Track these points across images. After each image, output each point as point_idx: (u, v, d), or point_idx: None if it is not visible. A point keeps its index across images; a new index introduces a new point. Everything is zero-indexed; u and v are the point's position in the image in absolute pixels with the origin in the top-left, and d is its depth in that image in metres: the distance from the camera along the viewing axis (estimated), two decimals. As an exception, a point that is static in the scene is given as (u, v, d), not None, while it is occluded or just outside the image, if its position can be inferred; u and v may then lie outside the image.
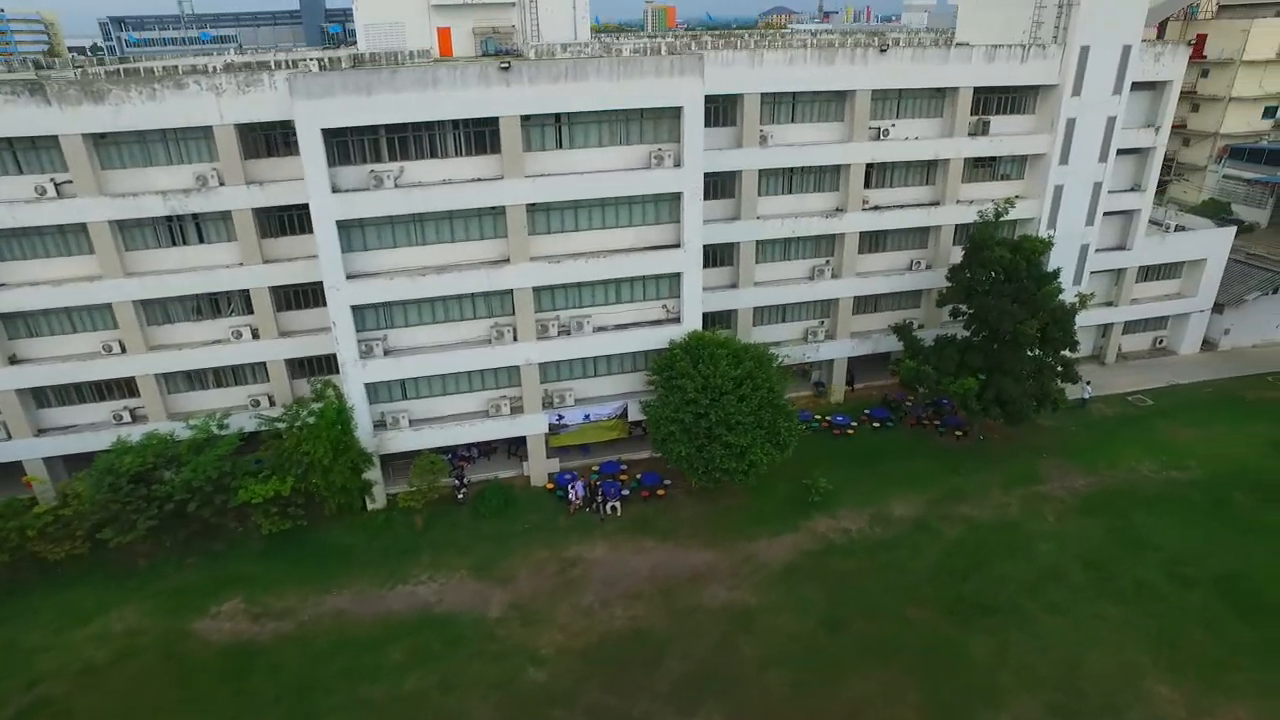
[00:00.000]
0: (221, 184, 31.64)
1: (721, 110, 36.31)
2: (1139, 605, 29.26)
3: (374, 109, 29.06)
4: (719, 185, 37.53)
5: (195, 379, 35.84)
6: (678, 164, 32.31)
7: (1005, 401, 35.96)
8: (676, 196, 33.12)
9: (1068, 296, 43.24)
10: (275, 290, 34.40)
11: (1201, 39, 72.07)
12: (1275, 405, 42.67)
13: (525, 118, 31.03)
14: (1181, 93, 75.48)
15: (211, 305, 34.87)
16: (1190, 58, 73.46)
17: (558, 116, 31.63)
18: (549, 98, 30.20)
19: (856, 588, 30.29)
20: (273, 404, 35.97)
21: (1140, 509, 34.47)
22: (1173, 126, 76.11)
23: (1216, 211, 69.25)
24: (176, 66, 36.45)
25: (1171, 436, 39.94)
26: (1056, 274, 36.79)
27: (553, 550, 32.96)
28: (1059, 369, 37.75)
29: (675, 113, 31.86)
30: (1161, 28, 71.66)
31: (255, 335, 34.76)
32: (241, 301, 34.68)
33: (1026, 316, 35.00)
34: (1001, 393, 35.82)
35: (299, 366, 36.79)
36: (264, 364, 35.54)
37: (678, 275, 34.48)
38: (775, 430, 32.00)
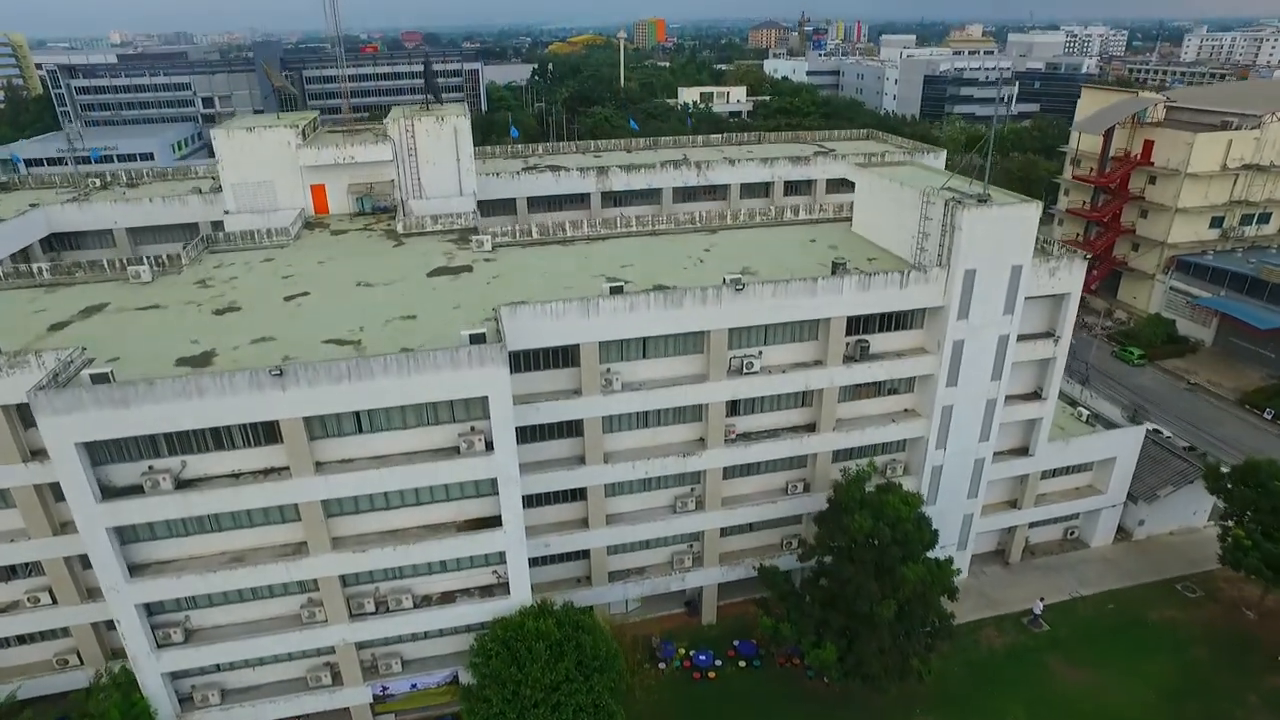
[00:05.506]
0: (-4, 463, 29.04)
1: (563, 350, 33.33)
2: None
3: (134, 421, 26.20)
4: (566, 423, 34.59)
5: (-5, 638, 33.46)
6: (489, 446, 29.41)
7: (866, 675, 33.17)
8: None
9: (961, 510, 40.65)
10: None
11: (1149, 144, 68.23)
12: (1177, 630, 39.72)
13: (317, 410, 28.24)
14: (1130, 197, 72.39)
15: (7, 568, 32.33)
16: (1139, 162, 70.29)
17: (354, 403, 28.78)
18: (331, 398, 27.27)
19: None
20: (81, 661, 33.85)
21: (1000, 798, 31.92)
22: (1122, 231, 73.08)
23: (1160, 329, 66.30)
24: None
25: (1059, 680, 37.21)
26: (929, 540, 33.64)
27: None
28: (929, 633, 34.78)
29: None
30: (1109, 133, 67.88)
31: (54, 599, 32.35)
32: (39, 565, 32.14)
33: (886, 595, 32.10)
34: (861, 664, 33.04)
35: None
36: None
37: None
38: (594, 738, 29.33)
